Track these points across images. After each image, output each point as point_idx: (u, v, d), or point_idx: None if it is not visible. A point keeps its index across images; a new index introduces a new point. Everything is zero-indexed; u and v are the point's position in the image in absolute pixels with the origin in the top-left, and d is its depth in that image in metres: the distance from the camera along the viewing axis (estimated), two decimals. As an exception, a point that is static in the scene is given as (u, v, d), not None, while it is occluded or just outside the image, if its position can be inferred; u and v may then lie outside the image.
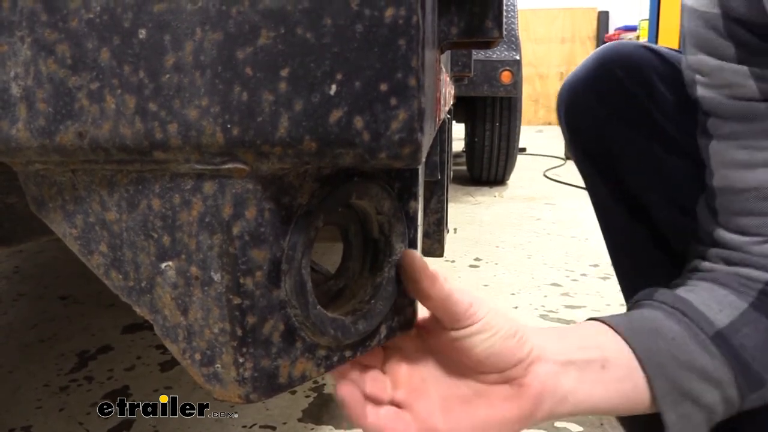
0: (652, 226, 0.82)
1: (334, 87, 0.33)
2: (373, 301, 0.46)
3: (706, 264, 0.68)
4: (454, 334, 0.51)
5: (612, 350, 0.58)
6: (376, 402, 0.50)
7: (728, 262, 0.66)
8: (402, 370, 0.53)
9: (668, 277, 0.70)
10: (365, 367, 0.51)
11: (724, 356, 0.58)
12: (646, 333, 0.59)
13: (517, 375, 0.52)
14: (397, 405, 0.51)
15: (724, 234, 0.67)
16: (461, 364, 0.52)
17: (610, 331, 0.59)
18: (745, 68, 0.61)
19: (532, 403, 0.52)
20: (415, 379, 0.52)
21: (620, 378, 0.57)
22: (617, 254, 0.93)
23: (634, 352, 0.57)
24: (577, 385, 0.54)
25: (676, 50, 0.80)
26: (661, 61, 0.78)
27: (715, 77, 0.64)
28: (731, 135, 0.65)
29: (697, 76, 0.67)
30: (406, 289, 0.48)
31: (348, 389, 0.49)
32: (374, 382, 0.50)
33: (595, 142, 0.83)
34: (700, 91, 0.67)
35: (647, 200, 0.81)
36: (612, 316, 0.62)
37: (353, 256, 0.48)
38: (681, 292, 0.64)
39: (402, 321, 0.50)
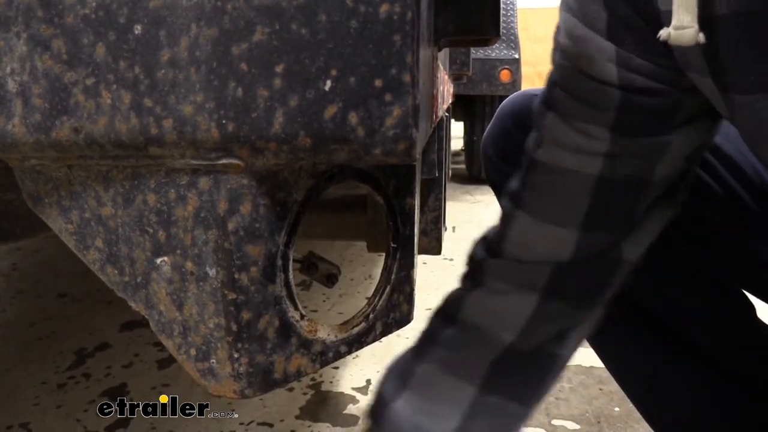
0: None
1: (328, 83, 0.34)
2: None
3: (472, 296, 0.63)
4: None
5: None
6: None
7: (499, 275, 0.62)
8: None
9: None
10: None
11: None
12: None
13: None
14: None
15: (518, 227, 0.61)
16: None
17: None
18: (612, 48, 0.52)
19: None
20: None
21: None
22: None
23: None
24: None
25: None
26: None
27: (577, 46, 0.55)
28: (573, 114, 0.57)
29: (561, 38, 0.57)
30: None
31: None
32: None
33: None
34: (557, 58, 0.58)
35: None
36: None
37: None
38: (406, 399, 0.62)
39: (398, 317, 0.51)
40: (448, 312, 0.65)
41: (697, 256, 0.71)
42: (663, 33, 0.48)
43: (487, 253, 0.64)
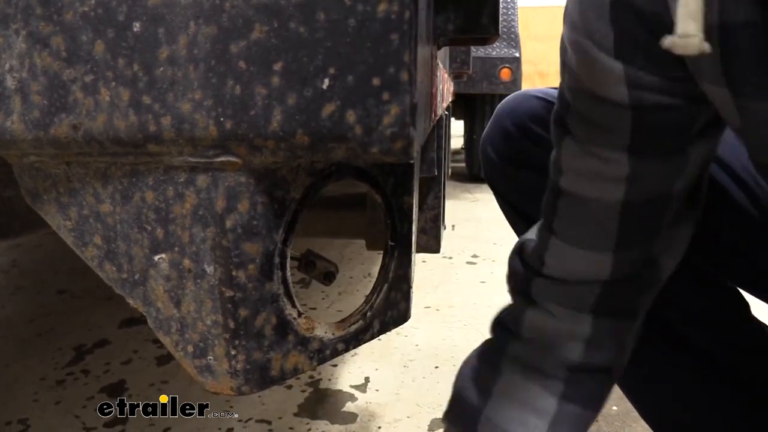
0: None
1: (326, 81, 0.34)
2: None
3: (529, 316, 0.65)
4: None
5: None
6: None
7: (549, 299, 0.64)
8: None
9: None
10: None
11: None
12: None
13: None
14: None
15: (556, 253, 0.62)
16: None
17: None
18: (620, 67, 0.51)
19: None
20: None
21: None
22: None
23: None
24: None
25: None
26: (544, 106, 0.77)
27: (586, 67, 0.53)
28: (587, 138, 0.56)
29: (568, 59, 0.56)
30: None
31: None
32: None
33: (507, 192, 0.86)
34: (567, 80, 0.57)
35: None
36: None
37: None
38: (494, 407, 0.65)
39: (395, 315, 0.51)
40: (509, 327, 0.68)
41: (691, 257, 0.72)
42: (666, 41, 0.45)
43: (530, 270, 0.65)
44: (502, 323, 0.69)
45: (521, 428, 0.63)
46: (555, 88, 0.79)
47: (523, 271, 0.66)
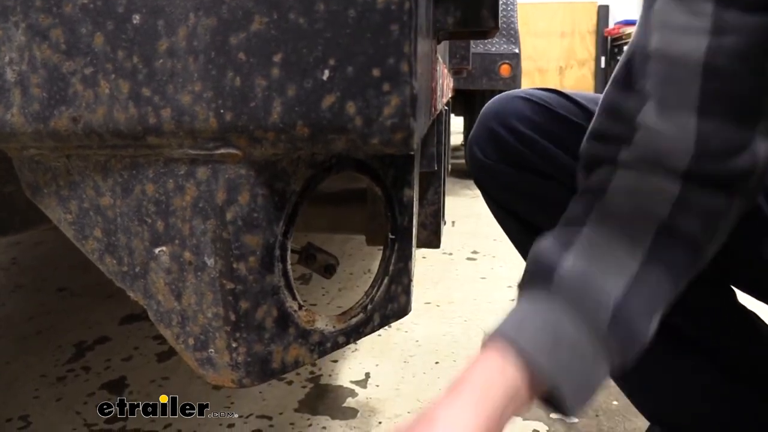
0: None
1: (326, 72, 0.34)
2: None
3: (617, 181, 0.62)
4: None
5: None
6: None
7: (635, 161, 0.61)
8: None
9: None
10: None
11: (622, 343, 0.58)
12: (548, 350, 0.57)
13: None
14: None
15: (648, 116, 0.61)
16: None
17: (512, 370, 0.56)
18: None
19: None
20: None
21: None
22: None
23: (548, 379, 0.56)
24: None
25: (551, 91, 0.81)
26: (529, 107, 0.79)
27: None
28: None
29: None
30: None
31: None
32: None
33: (496, 192, 0.87)
34: None
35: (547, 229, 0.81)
36: (511, 337, 0.58)
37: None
38: (573, 260, 0.60)
39: (396, 308, 0.51)
40: (593, 192, 0.64)
41: None
42: None
43: (614, 143, 0.63)
44: (584, 193, 0.65)
45: (600, 282, 0.59)
46: (539, 89, 0.81)
47: (603, 150, 0.64)
